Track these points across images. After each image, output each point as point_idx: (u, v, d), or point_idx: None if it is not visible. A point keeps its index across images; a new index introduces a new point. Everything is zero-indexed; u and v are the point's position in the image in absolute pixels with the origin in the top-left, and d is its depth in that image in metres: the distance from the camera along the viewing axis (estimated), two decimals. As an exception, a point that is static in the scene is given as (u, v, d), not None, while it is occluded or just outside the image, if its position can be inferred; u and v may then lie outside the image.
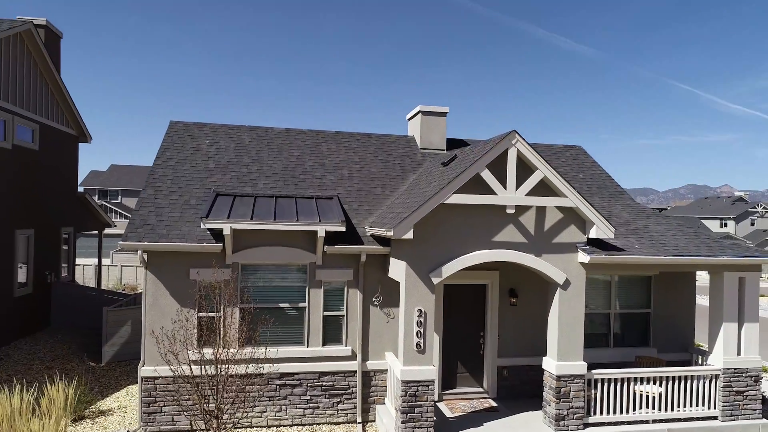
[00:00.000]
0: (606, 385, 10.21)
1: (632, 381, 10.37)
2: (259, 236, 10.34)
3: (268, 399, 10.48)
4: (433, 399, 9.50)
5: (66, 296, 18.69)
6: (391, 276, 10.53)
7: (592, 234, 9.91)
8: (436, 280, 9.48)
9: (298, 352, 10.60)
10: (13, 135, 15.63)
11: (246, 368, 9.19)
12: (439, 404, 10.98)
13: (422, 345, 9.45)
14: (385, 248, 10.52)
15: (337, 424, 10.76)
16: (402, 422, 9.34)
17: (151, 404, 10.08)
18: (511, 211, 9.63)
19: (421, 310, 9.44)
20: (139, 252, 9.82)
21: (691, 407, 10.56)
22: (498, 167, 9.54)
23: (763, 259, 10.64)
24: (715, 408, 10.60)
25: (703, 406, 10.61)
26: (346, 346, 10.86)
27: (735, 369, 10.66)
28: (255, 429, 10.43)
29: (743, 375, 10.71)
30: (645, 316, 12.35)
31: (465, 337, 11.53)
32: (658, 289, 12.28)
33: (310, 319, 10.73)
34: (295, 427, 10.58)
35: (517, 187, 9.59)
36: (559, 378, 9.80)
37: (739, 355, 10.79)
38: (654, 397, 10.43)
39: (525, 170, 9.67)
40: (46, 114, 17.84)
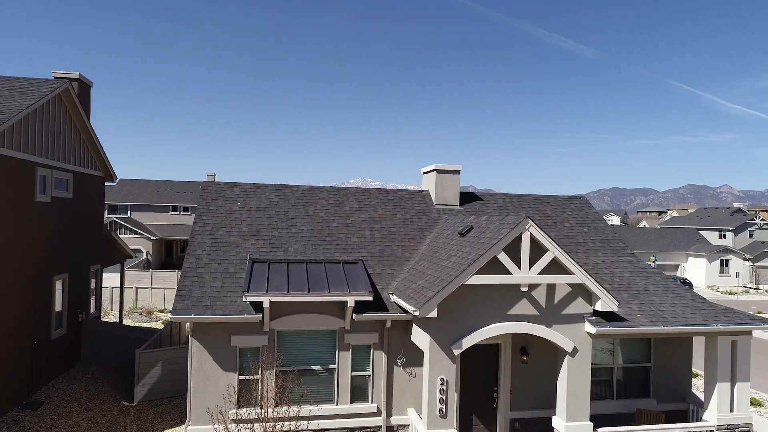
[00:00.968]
0: (610, 442, 11.21)
1: (634, 438, 11.37)
2: (294, 305, 11.36)
3: (301, 453, 11.50)
4: (454, 457, 10.51)
5: (95, 333, 19.70)
6: (413, 340, 11.54)
7: (598, 307, 10.92)
8: (456, 352, 10.50)
9: (328, 410, 11.62)
10: (51, 188, 16.63)
11: (282, 426, 10.19)
12: (457, 456, 11.99)
13: (444, 410, 10.47)
14: (408, 315, 11.53)
15: (364, 475, 11.77)
16: (426, 480, 10.34)
17: (196, 460, 11.09)
18: (524, 288, 10.65)
19: (443, 378, 10.46)
20: (187, 325, 10.83)
21: (687, 461, 11.57)
22: (513, 248, 10.55)
23: (752, 326, 11.65)
24: (709, 461, 11.62)
25: (699, 460, 11.62)
26: (371, 403, 11.87)
27: (728, 425, 11.68)
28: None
29: (736, 430, 11.73)
30: (646, 370, 13.35)
31: (480, 392, 12.54)
32: (658, 345, 13.28)
33: (339, 379, 11.74)
34: (326, 478, 11.58)
35: (530, 267, 10.60)
36: (568, 438, 10.82)
37: (732, 411, 11.81)
38: (654, 453, 11.43)
39: (537, 250, 10.68)
40: (78, 162, 18.84)
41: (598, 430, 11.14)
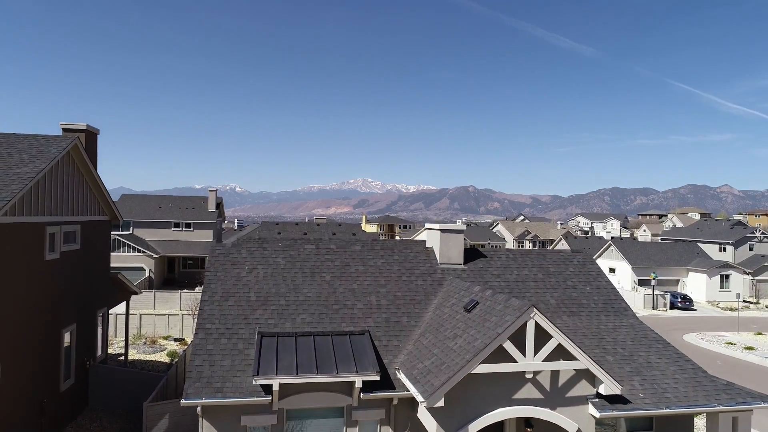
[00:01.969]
0: None
1: None
2: (303, 385, 11.56)
3: None
4: None
5: (103, 378, 19.91)
6: (419, 417, 11.74)
7: (602, 390, 11.14)
8: (463, 437, 10.70)
9: (336, 486, 11.82)
10: (60, 245, 16.83)
11: None
12: None
13: (451, 494, 10.66)
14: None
15: None
16: None
17: None
18: (529, 375, 10.86)
19: (449, 464, 10.65)
20: (198, 408, 11.03)
21: None
22: (518, 334, 10.75)
23: (754, 405, 11.85)
24: None
25: None
26: (379, 477, 12.07)
27: (729, 500, 11.88)
28: None
29: (736, 504, 11.94)
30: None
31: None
32: (660, 419, 13.46)
33: (347, 454, 11.94)
34: None
35: (534, 353, 10.81)
36: None
37: (732, 485, 12.02)
38: None
39: (542, 334, 10.88)
40: (85, 211, 19.05)
41: None
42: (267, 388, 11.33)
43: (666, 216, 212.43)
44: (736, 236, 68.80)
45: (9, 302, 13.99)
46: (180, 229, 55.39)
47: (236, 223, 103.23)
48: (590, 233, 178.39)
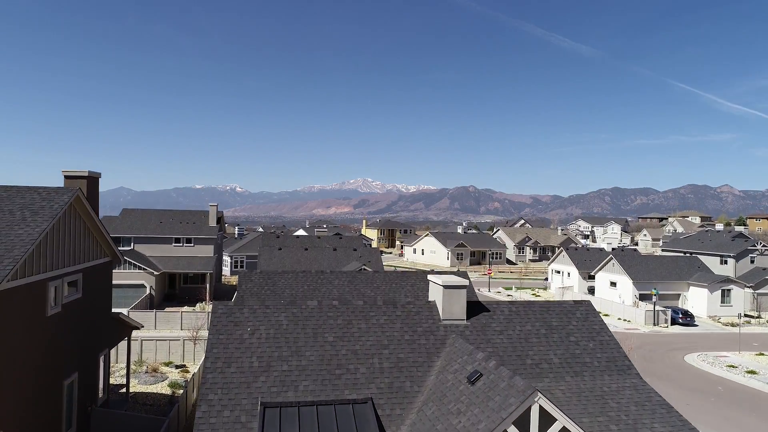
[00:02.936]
0: None
1: None
2: (306, 463, 11.52)
3: None
4: None
5: (104, 422, 19.90)
6: (423, 493, 11.71)
7: (606, 470, 11.09)
8: None
9: None
10: (62, 298, 16.80)
11: None
12: None
13: None
14: (418, 469, 11.70)
15: None
16: None
17: None
18: (533, 459, 10.82)
19: None
20: (202, 490, 11.00)
21: None
22: (522, 419, 10.71)
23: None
24: None
25: None
26: None
27: None
28: None
29: None
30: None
31: None
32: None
33: None
34: None
35: (539, 436, 10.76)
36: None
37: None
38: None
39: (547, 415, 10.84)
40: (87, 257, 19.02)
41: None
42: (270, 467, 11.29)
43: (666, 219, 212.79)
44: (737, 249, 68.76)
45: (9, 364, 13.96)
46: (181, 244, 55.38)
47: (237, 231, 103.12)
48: (591, 237, 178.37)
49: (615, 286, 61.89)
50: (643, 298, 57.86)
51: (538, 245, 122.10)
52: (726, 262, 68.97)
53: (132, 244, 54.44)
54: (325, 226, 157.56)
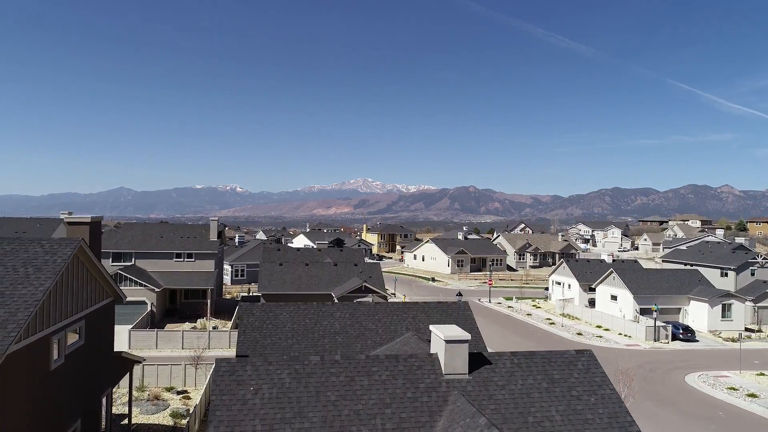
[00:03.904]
0: None
1: None
2: None
3: None
4: None
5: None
6: None
7: None
8: None
9: None
10: (65, 349, 16.83)
11: None
12: None
13: None
14: None
15: None
16: None
17: None
18: None
19: None
20: None
21: None
22: (524, 498, 10.77)
23: None
24: None
25: None
26: None
27: None
28: None
29: None
30: None
31: None
32: None
33: None
34: None
35: None
36: None
37: None
38: None
39: (548, 494, 10.89)
40: (90, 302, 19.05)
41: None
42: None
43: (667, 223, 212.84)
44: (738, 261, 68.77)
45: (10, 422, 13.99)
46: (182, 259, 55.42)
47: (237, 240, 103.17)
48: (591, 242, 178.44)
49: (616, 300, 61.92)
50: (643, 312, 57.86)
51: (539, 251, 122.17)
52: (726, 275, 69.00)
53: (133, 259, 54.49)
54: (325, 230, 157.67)
